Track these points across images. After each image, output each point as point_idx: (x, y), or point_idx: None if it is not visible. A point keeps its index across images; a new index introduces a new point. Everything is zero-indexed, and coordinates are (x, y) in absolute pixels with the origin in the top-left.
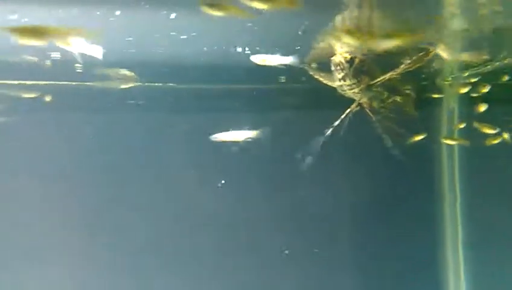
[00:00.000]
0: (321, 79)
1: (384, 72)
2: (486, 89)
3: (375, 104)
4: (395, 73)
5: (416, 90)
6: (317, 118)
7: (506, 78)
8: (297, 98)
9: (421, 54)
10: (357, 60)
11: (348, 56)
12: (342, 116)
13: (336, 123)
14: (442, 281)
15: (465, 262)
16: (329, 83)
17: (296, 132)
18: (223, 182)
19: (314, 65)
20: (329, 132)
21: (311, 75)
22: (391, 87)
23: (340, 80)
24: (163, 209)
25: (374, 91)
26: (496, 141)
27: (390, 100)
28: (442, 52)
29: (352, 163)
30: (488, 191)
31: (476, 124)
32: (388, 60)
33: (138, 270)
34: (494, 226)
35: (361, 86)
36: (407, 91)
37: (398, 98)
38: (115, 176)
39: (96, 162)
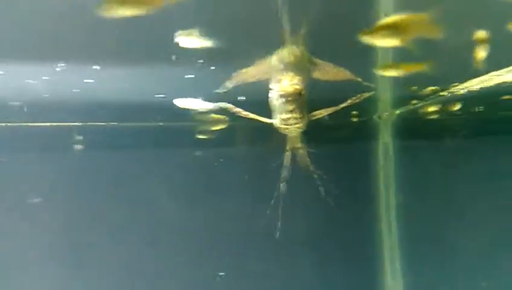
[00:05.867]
0: (251, 115)
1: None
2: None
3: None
4: (332, 110)
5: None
6: None
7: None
8: None
9: (353, 98)
10: (303, 93)
11: (298, 87)
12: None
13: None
14: None
15: None
16: (263, 119)
17: None
18: None
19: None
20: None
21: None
22: None
23: (289, 112)
24: None
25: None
26: None
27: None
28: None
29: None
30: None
31: None
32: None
33: None
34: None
35: (304, 120)
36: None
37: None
38: None
39: None
